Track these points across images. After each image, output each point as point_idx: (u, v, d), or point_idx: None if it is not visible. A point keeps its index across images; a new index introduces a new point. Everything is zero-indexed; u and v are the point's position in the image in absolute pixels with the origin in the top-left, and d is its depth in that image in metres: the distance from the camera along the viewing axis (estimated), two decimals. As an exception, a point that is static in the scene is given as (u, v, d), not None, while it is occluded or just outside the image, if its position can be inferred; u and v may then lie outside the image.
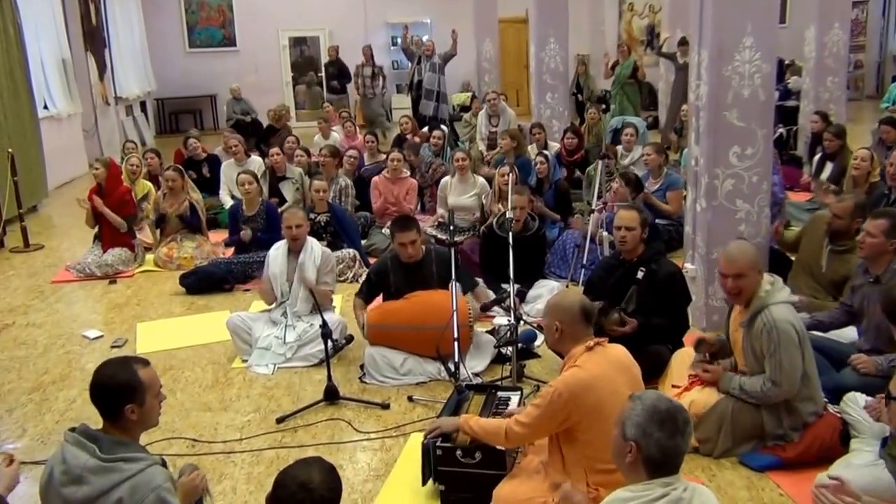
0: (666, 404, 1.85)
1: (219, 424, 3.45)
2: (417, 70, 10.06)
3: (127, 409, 1.99)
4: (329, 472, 1.82)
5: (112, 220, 5.80)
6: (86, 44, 10.72)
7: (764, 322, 2.78)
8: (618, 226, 3.64)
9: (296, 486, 1.75)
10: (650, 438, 1.80)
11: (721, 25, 3.83)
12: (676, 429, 1.81)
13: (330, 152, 6.41)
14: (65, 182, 9.53)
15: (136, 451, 2.01)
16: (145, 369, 2.06)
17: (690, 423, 1.87)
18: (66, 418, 3.55)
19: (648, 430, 1.80)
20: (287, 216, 4.30)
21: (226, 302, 5.15)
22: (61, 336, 4.66)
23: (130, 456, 1.96)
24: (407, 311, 3.80)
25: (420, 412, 3.47)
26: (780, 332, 2.76)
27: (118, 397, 1.99)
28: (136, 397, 2.00)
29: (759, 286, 2.86)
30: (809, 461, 2.83)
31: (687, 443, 1.85)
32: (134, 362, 2.07)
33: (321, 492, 1.75)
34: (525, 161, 6.35)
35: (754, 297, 2.86)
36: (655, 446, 1.80)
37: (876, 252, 3.27)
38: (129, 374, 2.01)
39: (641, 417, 1.82)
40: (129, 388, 1.99)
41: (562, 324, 2.52)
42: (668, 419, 1.81)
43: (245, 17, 14.31)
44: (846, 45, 8.27)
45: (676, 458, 1.83)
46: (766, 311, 2.79)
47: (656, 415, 1.81)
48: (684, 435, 1.83)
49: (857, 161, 4.78)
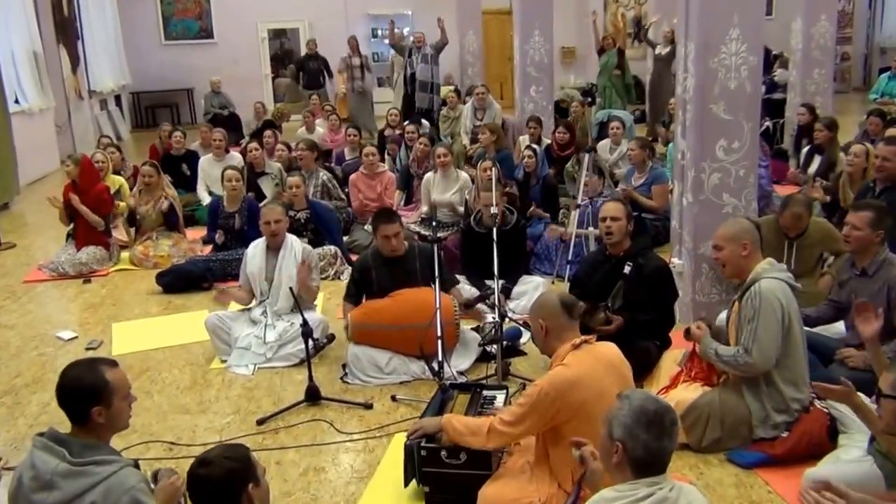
0: (654, 405, 1.85)
1: (197, 427, 3.40)
2: (409, 63, 9.90)
3: (94, 412, 1.97)
4: (228, 448, 1.93)
5: (89, 218, 5.68)
6: (58, 36, 10.53)
7: (752, 293, 2.85)
8: (603, 217, 3.62)
9: (195, 465, 1.85)
10: (637, 440, 1.79)
11: (707, 17, 3.81)
12: (663, 430, 1.82)
13: (307, 146, 6.30)
14: (37, 179, 9.38)
15: (108, 453, 2.00)
16: (112, 370, 2.04)
17: (678, 424, 1.87)
18: (40, 422, 3.47)
19: (635, 432, 1.80)
20: (265, 212, 4.23)
21: (204, 301, 5.07)
22: (34, 338, 4.57)
23: (102, 459, 1.95)
24: (391, 310, 3.75)
25: (404, 412, 3.44)
26: (762, 300, 2.81)
27: (84, 400, 1.97)
28: (102, 399, 1.98)
29: (754, 264, 2.93)
30: (798, 457, 2.83)
31: (674, 443, 1.86)
32: (101, 364, 2.04)
33: (219, 461, 1.84)
34: (506, 155, 6.29)
35: (751, 273, 2.91)
36: (642, 447, 1.80)
37: (862, 245, 3.27)
38: (94, 375, 1.99)
39: (628, 418, 1.82)
40: (94, 390, 1.97)
41: (545, 321, 2.52)
42: (655, 420, 1.81)
43: (222, 9, 14.12)
44: (833, 37, 8.30)
45: (663, 458, 1.84)
46: (756, 284, 2.86)
47: (643, 416, 1.82)
48: (671, 436, 1.84)
49: (851, 157, 4.76)
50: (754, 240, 2.98)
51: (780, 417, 2.90)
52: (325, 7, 14.10)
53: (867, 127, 6.00)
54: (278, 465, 3.07)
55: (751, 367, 2.85)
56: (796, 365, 2.91)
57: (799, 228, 3.92)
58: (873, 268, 3.25)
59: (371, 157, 6.18)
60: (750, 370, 2.86)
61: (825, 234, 3.98)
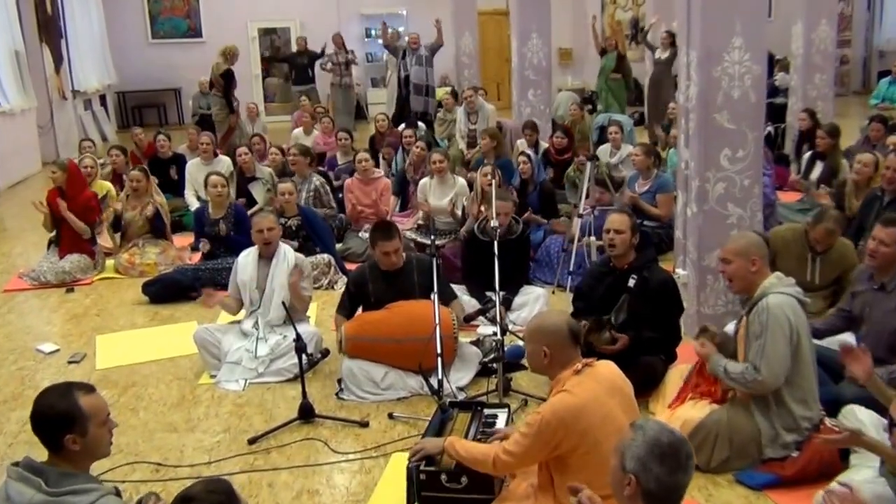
0: (668, 437, 1.79)
1: (185, 446, 3.30)
2: (403, 65, 9.75)
3: (67, 440, 1.93)
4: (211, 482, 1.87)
5: (76, 226, 5.52)
6: (41, 34, 10.37)
7: (760, 308, 2.81)
8: (607, 229, 3.57)
9: (178, 501, 1.79)
10: (650, 473, 1.74)
11: (709, 25, 3.75)
12: (678, 464, 1.76)
13: (300, 151, 6.17)
14: (18, 181, 9.23)
15: (86, 481, 1.95)
16: (88, 397, 1.99)
17: (693, 458, 1.81)
18: (20, 441, 3.37)
19: (648, 465, 1.75)
20: (257, 220, 4.12)
21: (192, 312, 4.95)
22: (13, 350, 4.43)
23: (80, 488, 1.90)
24: (387, 323, 3.66)
25: (401, 430, 3.35)
26: (770, 316, 2.77)
27: (56, 428, 1.93)
28: (76, 427, 1.94)
29: (763, 279, 2.86)
30: (809, 478, 2.76)
31: (689, 477, 1.80)
32: (76, 389, 2.00)
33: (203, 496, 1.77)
34: (506, 161, 6.19)
35: (759, 288, 2.86)
36: (655, 481, 1.74)
37: (887, 261, 3.20)
38: (67, 402, 1.95)
39: (642, 450, 1.77)
40: (68, 417, 1.93)
41: (550, 348, 2.43)
42: (669, 454, 1.76)
43: (211, 7, 13.98)
44: (834, 42, 8.26)
45: (678, 493, 1.78)
46: (764, 299, 2.82)
47: (657, 448, 1.76)
48: (686, 470, 1.79)
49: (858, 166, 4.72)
50: (763, 255, 2.93)
51: (791, 437, 2.86)
52: (316, 6, 13.97)
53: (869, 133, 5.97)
54: (270, 488, 2.97)
55: (760, 384, 2.79)
56: (806, 382, 2.86)
57: (829, 244, 3.85)
58: (893, 284, 3.20)
59: (364, 164, 6.07)
60: (759, 388, 2.81)
61: (843, 255, 3.91)
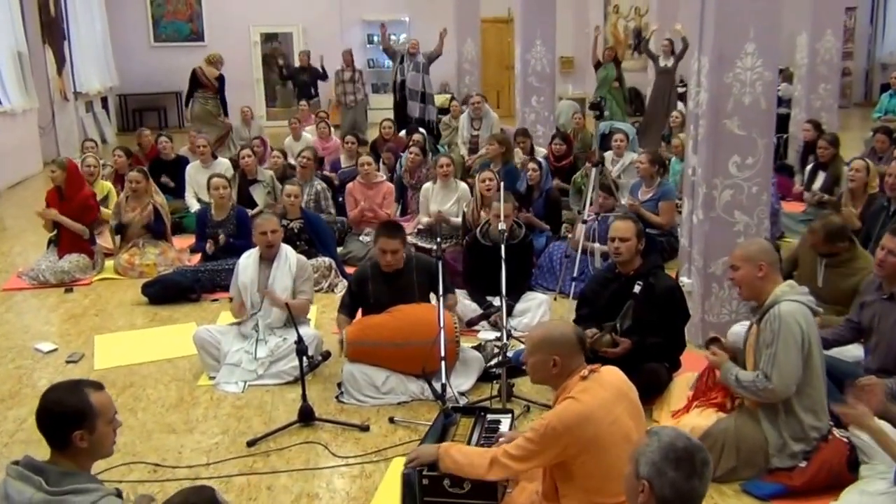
0: (683, 443, 1.75)
1: (184, 448, 3.26)
2: (400, 70, 9.77)
3: (76, 437, 1.90)
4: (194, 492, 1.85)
5: (73, 228, 5.49)
6: (43, 36, 10.39)
7: (771, 316, 2.79)
8: (611, 237, 3.54)
9: None
10: (664, 478, 1.71)
11: (722, 31, 3.76)
12: (693, 470, 1.72)
13: (312, 155, 6.21)
14: (18, 182, 9.21)
15: (87, 481, 1.93)
16: (97, 393, 1.97)
17: (709, 466, 1.77)
18: (17, 440, 3.33)
19: (663, 470, 1.72)
20: (260, 222, 4.10)
21: (192, 313, 4.92)
22: (11, 349, 4.40)
23: (81, 487, 1.88)
24: (389, 327, 3.62)
25: (402, 435, 3.31)
26: (781, 324, 2.75)
27: (66, 424, 1.90)
28: (85, 423, 1.91)
29: (772, 286, 2.85)
30: (817, 489, 2.74)
31: (705, 486, 1.75)
32: (85, 386, 1.98)
33: None
34: (512, 168, 6.17)
35: (770, 295, 2.84)
36: (669, 487, 1.71)
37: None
38: (78, 398, 1.93)
39: (656, 455, 1.74)
40: (78, 413, 1.91)
41: (560, 357, 2.39)
42: (684, 458, 1.73)
43: (214, 11, 14.01)
44: (839, 53, 8.31)
45: (692, 502, 1.74)
46: (775, 307, 2.79)
47: (672, 452, 1.73)
48: (702, 478, 1.74)
49: (852, 172, 4.72)
50: (772, 261, 2.90)
51: (798, 446, 2.82)
52: (319, 12, 14.00)
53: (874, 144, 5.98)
54: (269, 491, 2.93)
55: (771, 392, 2.77)
56: (815, 391, 2.83)
57: (826, 250, 3.76)
58: None
59: (367, 167, 6.06)
60: (770, 396, 2.78)
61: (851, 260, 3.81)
